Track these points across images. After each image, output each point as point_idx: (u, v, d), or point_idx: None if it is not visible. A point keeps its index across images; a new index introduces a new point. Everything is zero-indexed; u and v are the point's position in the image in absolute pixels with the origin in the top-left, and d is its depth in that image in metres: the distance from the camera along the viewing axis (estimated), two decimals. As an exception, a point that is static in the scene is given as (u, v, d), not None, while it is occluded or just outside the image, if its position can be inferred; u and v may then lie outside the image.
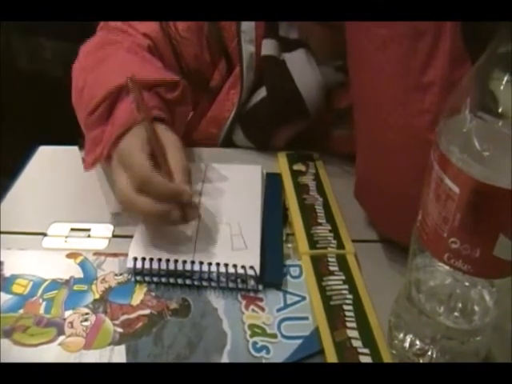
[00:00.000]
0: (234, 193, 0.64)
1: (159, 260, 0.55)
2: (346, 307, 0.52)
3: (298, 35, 0.71)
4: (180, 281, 0.55)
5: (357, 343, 0.49)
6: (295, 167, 0.72)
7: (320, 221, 0.62)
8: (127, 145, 0.57)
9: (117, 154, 0.57)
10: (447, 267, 0.43)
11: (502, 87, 0.38)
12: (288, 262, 0.58)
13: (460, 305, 0.48)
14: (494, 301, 0.47)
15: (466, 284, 0.47)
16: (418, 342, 0.48)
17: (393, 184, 0.53)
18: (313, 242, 0.59)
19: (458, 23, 0.50)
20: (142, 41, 0.72)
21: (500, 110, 0.38)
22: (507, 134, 0.37)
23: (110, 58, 0.68)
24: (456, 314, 0.47)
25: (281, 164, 0.72)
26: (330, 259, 0.57)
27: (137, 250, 0.56)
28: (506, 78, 0.37)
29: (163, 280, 0.55)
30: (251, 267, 0.54)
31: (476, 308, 0.48)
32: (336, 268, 0.56)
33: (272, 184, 0.68)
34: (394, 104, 0.51)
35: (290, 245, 0.60)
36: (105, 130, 0.61)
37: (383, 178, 0.55)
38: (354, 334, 0.50)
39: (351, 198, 0.62)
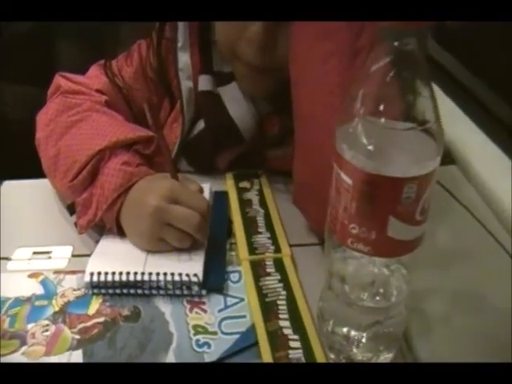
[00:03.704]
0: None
1: (113, 273, 0.60)
2: (279, 302, 0.58)
3: (232, 69, 0.78)
4: (132, 291, 0.60)
5: (287, 331, 0.55)
6: (241, 185, 0.78)
7: (260, 230, 0.69)
8: (139, 190, 0.64)
9: (129, 202, 0.64)
10: (368, 257, 0.50)
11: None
12: (229, 269, 0.64)
13: (382, 290, 0.54)
14: (405, 281, 0.53)
15: (385, 270, 0.53)
16: (341, 327, 0.54)
17: (327, 189, 0.59)
18: (252, 249, 0.66)
19: None
20: (98, 98, 0.77)
21: (381, 109, 0.45)
22: (389, 129, 0.44)
23: (81, 122, 0.72)
24: (378, 298, 0.53)
25: (228, 183, 0.79)
26: (267, 263, 0.64)
27: (93, 265, 0.62)
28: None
29: (117, 291, 0.61)
30: (195, 275, 0.60)
31: (394, 291, 0.53)
32: (273, 270, 0.63)
33: (219, 201, 0.75)
34: (332, 112, 0.56)
35: (233, 253, 0.67)
36: (93, 192, 0.66)
37: (318, 183, 0.60)
38: (285, 323, 0.56)
39: (294, 208, 0.69)
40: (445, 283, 0.61)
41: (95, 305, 0.60)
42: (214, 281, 0.62)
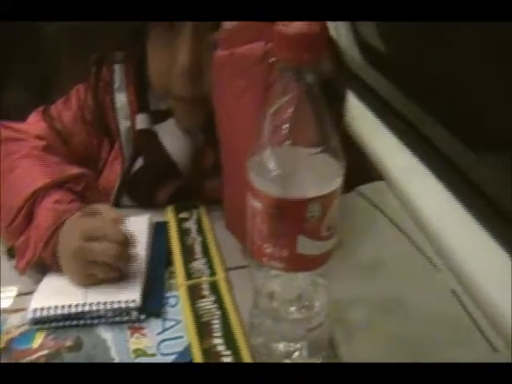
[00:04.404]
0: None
1: (55, 307, 0.64)
2: (214, 321, 0.62)
3: (168, 106, 0.82)
4: (75, 322, 0.64)
5: (221, 347, 0.59)
6: (181, 215, 0.83)
7: (197, 256, 0.73)
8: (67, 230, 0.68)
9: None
10: (293, 274, 0.54)
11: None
12: (168, 294, 0.68)
13: (307, 302, 0.58)
14: (326, 291, 0.57)
15: (310, 283, 0.58)
16: (271, 341, 0.58)
17: None
18: (189, 274, 0.70)
19: None
20: (36, 143, 0.81)
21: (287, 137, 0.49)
22: (295, 155, 0.50)
23: (17, 168, 0.76)
24: (303, 310, 0.58)
25: (168, 214, 0.83)
26: (203, 286, 0.68)
27: (36, 302, 0.65)
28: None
29: (60, 324, 0.64)
30: (133, 301, 0.64)
31: (317, 301, 0.58)
32: (208, 292, 0.67)
33: (159, 232, 0.79)
34: (250, 141, 0.60)
35: (172, 280, 0.70)
36: (30, 234, 0.70)
37: (245, 208, 0.65)
38: (219, 341, 0.60)
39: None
40: (368, 292, 0.66)
41: (39, 339, 0.63)
42: (153, 306, 0.65)
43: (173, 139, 0.81)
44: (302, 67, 0.49)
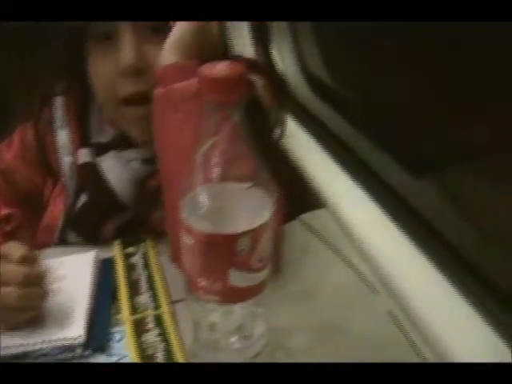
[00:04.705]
0: (66, 282, 0.74)
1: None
2: (157, 354, 0.64)
3: (110, 138, 0.85)
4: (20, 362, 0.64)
5: (164, 380, 0.60)
6: (127, 250, 0.84)
7: (142, 291, 0.75)
8: None
9: None
10: (231, 306, 0.56)
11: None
12: (114, 329, 0.69)
13: (247, 333, 0.60)
14: (264, 320, 0.60)
15: (248, 314, 0.59)
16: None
17: None
18: (134, 309, 0.71)
19: None
20: None
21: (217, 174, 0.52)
22: (226, 191, 0.52)
23: None
24: (244, 340, 0.60)
25: (115, 250, 0.84)
26: (148, 320, 0.69)
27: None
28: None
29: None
30: (78, 337, 0.65)
31: (256, 329, 0.60)
32: (153, 325, 0.68)
33: (105, 268, 0.80)
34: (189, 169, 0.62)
35: (119, 316, 0.72)
36: None
37: None
38: (162, 373, 0.61)
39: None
40: (308, 319, 0.68)
41: (-16, 380, 0.63)
42: (98, 342, 0.67)
43: (115, 171, 0.82)
44: (228, 107, 0.51)
